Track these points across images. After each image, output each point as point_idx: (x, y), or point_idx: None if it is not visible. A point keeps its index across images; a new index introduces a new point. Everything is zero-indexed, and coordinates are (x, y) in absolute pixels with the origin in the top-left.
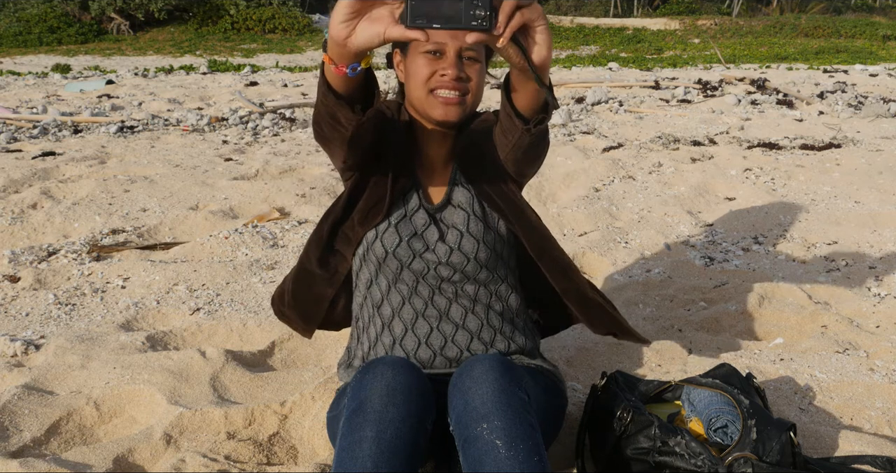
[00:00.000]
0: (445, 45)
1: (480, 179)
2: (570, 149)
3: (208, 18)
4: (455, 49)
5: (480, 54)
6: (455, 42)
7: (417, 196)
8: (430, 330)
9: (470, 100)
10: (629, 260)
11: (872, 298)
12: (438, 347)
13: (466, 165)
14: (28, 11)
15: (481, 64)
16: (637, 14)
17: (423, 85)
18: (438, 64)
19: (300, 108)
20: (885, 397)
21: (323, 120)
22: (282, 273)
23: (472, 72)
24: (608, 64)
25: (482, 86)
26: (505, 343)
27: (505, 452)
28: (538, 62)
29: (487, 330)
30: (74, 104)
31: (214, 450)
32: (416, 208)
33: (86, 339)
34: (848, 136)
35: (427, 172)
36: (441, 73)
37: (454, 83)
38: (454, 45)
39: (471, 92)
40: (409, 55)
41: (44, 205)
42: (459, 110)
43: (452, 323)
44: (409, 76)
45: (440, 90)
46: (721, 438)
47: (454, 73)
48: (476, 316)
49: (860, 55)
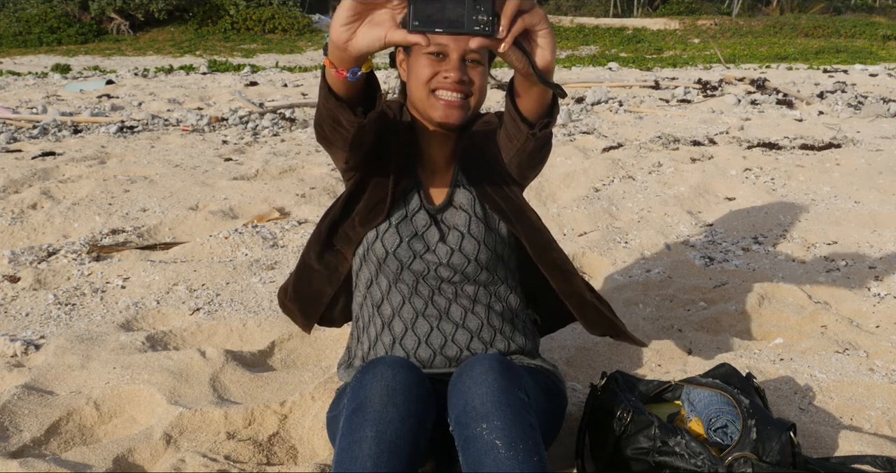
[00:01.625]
0: (448, 47)
1: (482, 181)
2: (570, 149)
3: (208, 18)
4: (458, 52)
5: (483, 57)
6: (458, 44)
7: (418, 196)
8: (430, 329)
9: (472, 102)
10: (629, 260)
11: (872, 298)
12: (438, 346)
13: (469, 167)
14: (28, 11)
15: (484, 66)
16: (637, 14)
17: (425, 85)
18: (441, 65)
19: (300, 108)
20: (885, 397)
21: (325, 122)
22: (282, 273)
23: (475, 74)
24: (608, 64)
25: (485, 89)
26: (505, 342)
27: (504, 452)
28: (542, 66)
29: (487, 330)
30: (74, 104)
31: (214, 450)
32: (417, 209)
33: (86, 339)
34: (848, 136)
35: (428, 173)
36: (444, 75)
37: (456, 85)
38: (457, 48)
39: (473, 95)
40: (412, 55)
41: (44, 205)
42: (461, 113)
43: (452, 322)
44: (411, 75)
45: (442, 91)
46: (721, 438)
47: (457, 75)
48: (476, 316)
49: (860, 55)
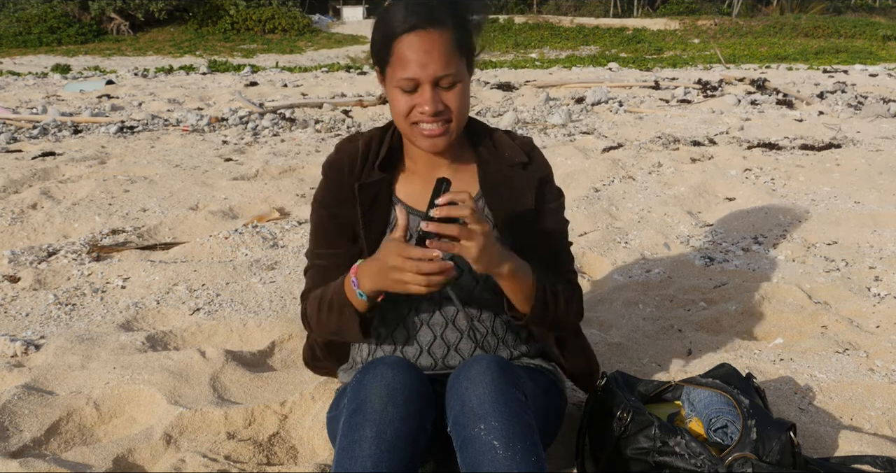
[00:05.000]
0: (419, 79)
1: (506, 215)
2: (570, 149)
3: (208, 18)
4: (429, 80)
5: (459, 73)
6: (427, 73)
7: (419, 220)
8: (433, 338)
9: (454, 126)
10: (629, 260)
11: (872, 298)
12: (441, 356)
13: (494, 203)
14: (28, 11)
15: (462, 81)
16: (637, 14)
17: (404, 119)
18: (415, 98)
19: (300, 108)
20: (885, 397)
21: (325, 339)
22: (282, 273)
23: (452, 97)
24: (608, 64)
25: (466, 105)
26: (507, 351)
27: (502, 452)
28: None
29: (491, 338)
30: (74, 104)
31: (214, 450)
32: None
33: (86, 339)
34: (848, 136)
35: (418, 187)
36: (419, 108)
37: (433, 118)
38: (427, 77)
39: (454, 119)
40: (387, 85)
41: (44, 206)
42: (445, 139)
43: (458, 330)
44: (390, 105)
45: (421, 124)
46: (721, 438)
47: (432, 108)
48: (482, 324)
49: (860, 55)
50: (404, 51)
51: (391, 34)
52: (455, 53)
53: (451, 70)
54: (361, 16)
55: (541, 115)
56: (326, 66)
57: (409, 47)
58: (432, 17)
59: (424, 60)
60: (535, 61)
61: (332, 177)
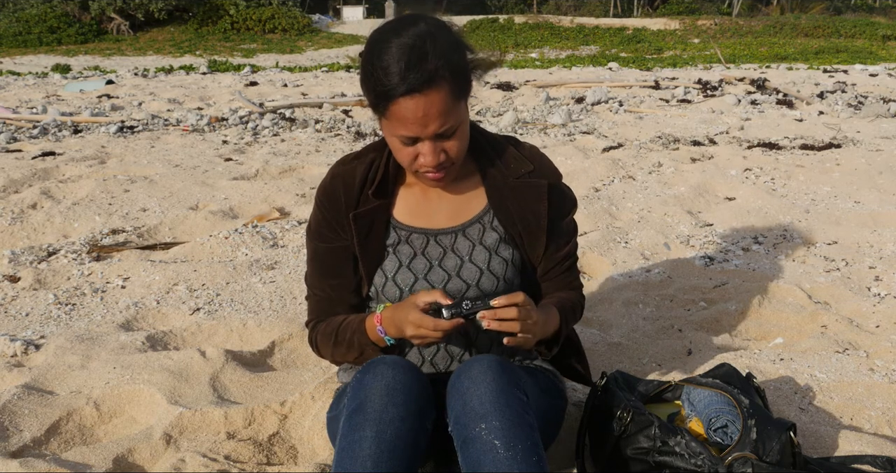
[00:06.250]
0: (419, 137)
1: (517, 227)
2: (570, 149)
3: (208, 18)
4: (428, 136)
5: (458, 117)
6: (427, 132)
7: (423, 236)
8: (436, 349)
9: (456, 164)
10: (629, 260)
11: (872, 298)
12: (444, 367)
13: (504, 216)
14: (28, 11)
15: (461, 124)
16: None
17: (407, 166)
18: (416, 149)
19: (300, 108)
20: (885, 397)
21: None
22: (282, 273)
23: (453, 143)
24: (608, 64)
25: (466, 141)
26: (508, 353)
27: (503, 452)
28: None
29: (496, 349)
30: (74, 104)
31: (214, 450)
32: (424, 244)
33: (86, 339)
34: (848, 136)
35: (420, 197)
36: (421, 159)
37: (435, 168)
38: (427, 135)
39: (455, 161)
40: (385, 131)
41: (44, 205)
42: (449, 177)
43: (462, 343)
44: (391, 147)
45: (423, 171)
46: (721, 438)
47: (433, 160)
48: (485, 334)
49: (860, 55)
50: (403, 112)
51: (387, 95)
52: (454, 103)
53: (451, 122)
54: (361, 16)
55: (541, 115)
56: (326, 66)
57: (408, 109)
58: (431, 79)
59: (424, 122)
60: (535, 61)
61: (327, 206)
